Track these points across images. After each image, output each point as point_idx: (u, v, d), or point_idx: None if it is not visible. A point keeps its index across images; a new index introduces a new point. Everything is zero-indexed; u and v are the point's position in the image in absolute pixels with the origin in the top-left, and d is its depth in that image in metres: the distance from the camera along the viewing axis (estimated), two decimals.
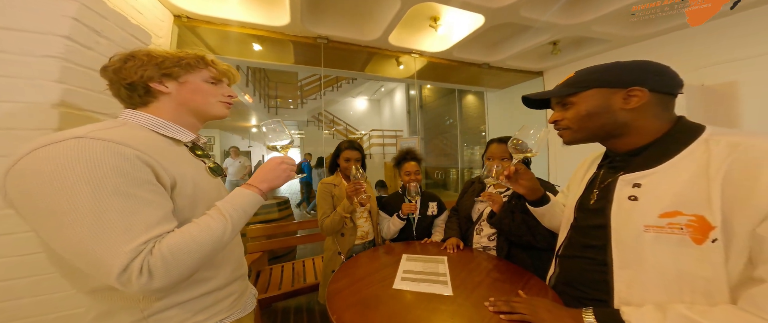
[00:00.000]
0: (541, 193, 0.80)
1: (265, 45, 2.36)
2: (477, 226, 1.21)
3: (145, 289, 0.39)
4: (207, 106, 0.59)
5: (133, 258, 0.38)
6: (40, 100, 0.63)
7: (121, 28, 0.84)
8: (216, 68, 0.60)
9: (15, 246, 0.65)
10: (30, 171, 0.37)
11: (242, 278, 0.66)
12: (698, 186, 0.43)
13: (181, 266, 0.41)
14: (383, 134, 7.29)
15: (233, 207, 0.50)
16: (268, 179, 0.58)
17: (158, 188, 0.45)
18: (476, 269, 0.96)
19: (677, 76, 0.53)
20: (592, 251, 0.58)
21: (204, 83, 0.58)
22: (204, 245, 0.44)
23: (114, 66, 0.52)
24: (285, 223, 2.23)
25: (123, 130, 0.45)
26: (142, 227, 0.40)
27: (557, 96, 0.60)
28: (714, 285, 0.42)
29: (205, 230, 0.45)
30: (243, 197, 0.53)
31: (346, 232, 1.28)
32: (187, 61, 0.55)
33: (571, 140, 0.61)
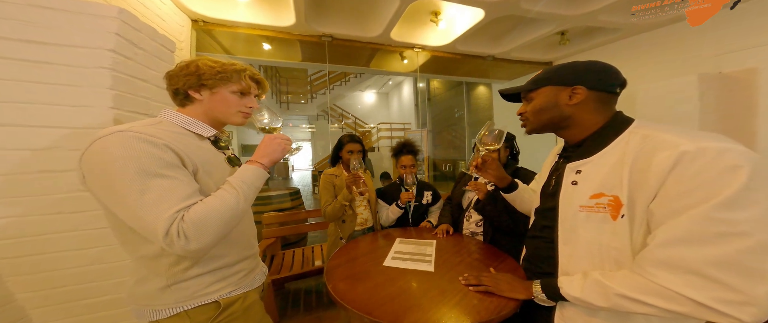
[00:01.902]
0: (508, 181, 0.90)
1: (274, 44, 2.50)
2: (466, 213, 1.30)
3: (185, 250, 0.48)
4: (226, 116, 0.67)
5: (171, 223, 0.47)
6: (98, 104, 0.79)
7: (152, 39, 0.98)
8: (246, 81, 0.66)
9: (89, 221, 0.83)
10: (91, 159, 0.49)
11: (252, 257, 0.74)
12: (617, 171, 0.51)
13: (208, 229, 0.50)
14: (391, 127, 7.35)
15: (241, 180, 0.58)
16: (268, 154, 0.65)
17: (184, 171, 0.55)
18: (460, 251, 1.06)
19: (617, 76, 0.59)
20: (546, 230, 0.66)
21: (231, 93, 0.65)
22: (223, 212, 0.53)
23: (171, 73, 0.64)
24: (296, 211, 2.41)
25: (157, 127, 0.56)
26: (176, 199, 0.49)
27: (522, 91, 0.68)
28: (622, 254, 0.50)
29: (220, 200, 0.54)
30: (248, 171, 0.61)
31: (347, 219, 1.41)
32: (222, 75, 0.63)
33: (530, 130, 0.69)
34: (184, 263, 0.58)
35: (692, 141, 0.42)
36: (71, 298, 0.86)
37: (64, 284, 0.84)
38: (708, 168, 0.40)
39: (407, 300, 0.73)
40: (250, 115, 0.72)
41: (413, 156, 1.47)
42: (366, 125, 8.33)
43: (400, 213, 1.41)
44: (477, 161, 0.85)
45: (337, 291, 0.79)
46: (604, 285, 0.49)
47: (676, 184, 0.42)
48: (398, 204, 1.40)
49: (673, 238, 0.41)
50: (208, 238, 0.51)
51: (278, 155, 0.67)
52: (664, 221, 0.43)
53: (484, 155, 0.83)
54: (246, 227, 0.73)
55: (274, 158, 0.67)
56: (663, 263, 0.42)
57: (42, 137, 0.75)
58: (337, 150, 1.50)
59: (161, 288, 0.58)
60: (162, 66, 1.00)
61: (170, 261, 0.58)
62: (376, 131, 7.60)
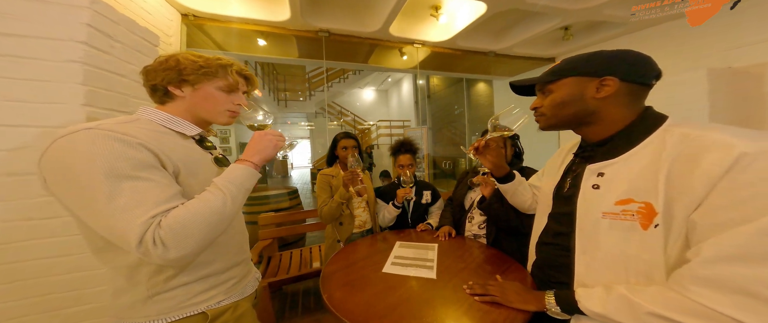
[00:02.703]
0: (506, 171, 0.84)
1: (269, 40, 2.42)
2: (469, 214, 1.25)
3: (164, 259, 0.43)
4: (212, 114, 0.62)
5: (145, 230, 0.42)
6: (68, 100, 0.72)
7: (132, 31, 0.92)
8: (232, 77, 0.62)
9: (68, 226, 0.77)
10: (52, 160, 0.44)
11: (243, 263, 0.69)
12: (650, 175, 0.45)
13: (190, 235, 0.45)
14: (391, 125, 7.29)
15: (228, 180, 0.53)
16: (258, 151, 0.59)
17: (163, 172, 0.50)
18: (463, 256, 1.01)
19: (653, 67, 0.53)
20: (561, 237, 0.61)
21: (216, 90, 0.60)
22: (207, 215, 0.47)
23: (148, 68, 0.59)
24: (294, 212, 2.36)
25: (132, 124, 0.51)
26: (151, 203, 0.44)
27: (539, 83, 0.62)
28: (653, 267, 0.44)
29: (204, 203, 0.49)
30: (236, 171, 0.55)
31: (345, 221, 1.36)
32: (205, 70, 0.58)
33: (545, 126, 0.63)
34: (167, 272, 0.54)
35: (752, 142, 0.37)
36: (55, 307, 0.80)
37: (46, 292, 0.79)
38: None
39: (408, 310, 0.68)
40: (238, 114, 0.66)
41: (412, 155, 1.41)
42: (365, 123, 8.26)
43: (397, 213, 1.35)
44: (479, 143, 0.78)
45: (334, 300, 0.74)
46: (632, 302, 0.44)
47: (728, 191, 0.36)
48: (395, 203, 1.34)
49: (723, 254, 0.36)
50: (190, 245, 0.46)
51: (270, 152, 0.61)
52: (711, 234, 0.38)
53: (490, 139, 0.77)
54: (236, 232, 0.68)
55: (266, 156, 0.61)
56: (709, 281, 0.37)
57: (9, 137, 0.69)
58: (333, 149, 1.45)
59: (142, 299, 0.53)
60: (143, 60, 0.93)
61: (150, 271, 0.53)
62: (375, 128, 7.53)
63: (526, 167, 1.22)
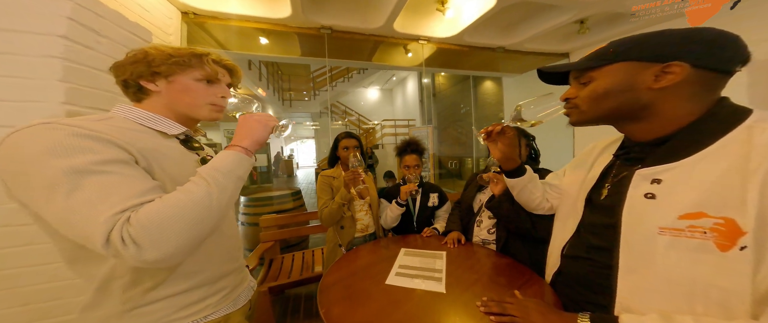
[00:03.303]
0: (516, 164, 0.74)
1: (271, 38, 2.37)
2: (477, 218, 1.16)
3: (141, 260, 0.38)
4: (192, 109, 0.57)
5: (110, 227, 0.37)
6: (47, 99, 0.67)
7: (120, 26, 0.87)
8: (210, 66, 0.56)
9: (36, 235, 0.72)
10: (6, 157, 0.39)
11: (235, 272, 0.64)
12: (731, 184, 0.36)
13: (169, 232, 0.39)
14: (395, 124, 7.21)
15: (213, 168, 0.47)
16: (247, 134, 0.54)
17: (138, 168, 0.45)
18: (475, 266, 0.92)
19: (740, 49, 0.42)
20: (598, 252, 0.52)
21: (195, 82, 0.56)
22: (188, 208, 0.42)
23: (117, 63, 0.54)
24: (296, 213, 2.32)
25: (104, 122, 0.46)
26: (119, 197, 0.39)
27: (577, 69, 0.51)
28: (734, 297, 0.36)
29: (184, 194, 0.43)
30: (222, 157, 0.50)
31: (346, 224, 1.29)
32: (175, 59, 0.53)
33: (578, 121, 0.53)
34: (145, 283, 0.49)
35: None
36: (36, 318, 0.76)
37: (26, 302, 0.74)
38: None
39: None
40: (223, 107, 0.60)
41: (418, 155, 1.33)
42: (370, 122, 8.21)
43: (400, 211, 1.27)
44: (494, 127, 0.68)
45: (332, 317, 0.67)
46: None
47: None
48: (398, 201, 1.26)
49: None
50: (171, 244, 0.40)
51: (261, 132, 0.55)
52: None
53: (507, 125, 0.67)
54: (226, 237, 0.62)
55: (258, 138, 0.55)
56: None
57: None
58: (334, 149, 1.38)
59: (116, 314, 0.48)
60: None
61: (125, 282, 0.47)
62: (380, 128, 7.47)
63: (543, 168, 1.12)
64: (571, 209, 0.62)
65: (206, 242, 0.55)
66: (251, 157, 0.53)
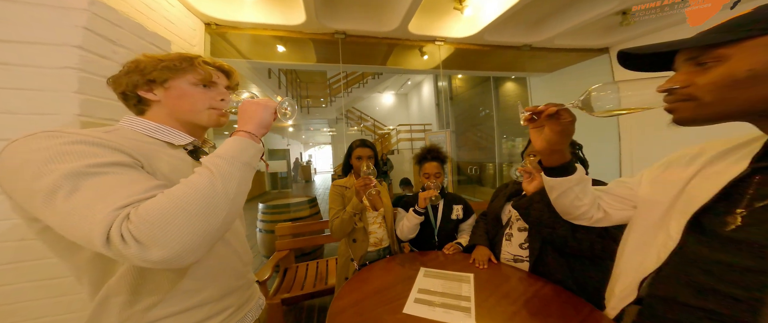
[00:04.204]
0: (565, 159, 0.58)
1: (288, 46, 2.41)
2: (507, 231, 1.02)
3: (147, 260, 0.36)
4: (193, 114, 0.55)
5: (109, 224, 0.35)
6: (61, 111, 0.67)
7: (138, 36, 0.87)
8: (202, 68, 0.55)
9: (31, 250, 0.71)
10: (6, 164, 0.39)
11: (242, 288, 0.61)
12: None
13: (170, 227, 0.36)
14: (411, 129, 7.11)
15: (216, 156, 0.45)
16: (250, 118, 0.51)
17: (141, 170, 0.43)
18: (511, 293, 0.79)
19: None
20: (721, 301, 0.37)
21: (191, 86, 0.55)
22: (188, 200, 0.39)
23: (113, 76, 0.54)
24: (311, 222, 2.28)
25: (110, 133, 0.45)
26: (119, 195, 0.37)
27: (695, 46, 0.38)
28: None
29: (187, 185, 0.40)
30: (226, 145, 0.47)
31: (358, 238, 1.20)
32: (166, 64, 0.53)
33: (690, 118, 0.40)
34: (144, 300, 0.46)
35: None
36: None
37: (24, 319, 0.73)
38: None
39: None
40: (225, 111, 0.57)
41: (439, 163, 1.22)
42: (385, 127, 8.18)
43: (418, 221, 1.16)
44: (546, 107, 0.51)
45: None
46: None
47: None
48: (416, 209, 1.15)
49: None
50: (176, 240, 0.37)
51: (262, 114, 0.52)
52: None
53: (564, 108, 0.51)
54: (232, 251, 0.57)
55: (261, 120, 0.51)
56: None
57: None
58: (348, 158, 1.31)
59: None
60: None
61: (122, 301, 0.45)
62: (395, 133, 7.40)
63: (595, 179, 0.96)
64: (655, 230, 0.48)
65: (210, 256, 0.52)
66: (257, 142, 0.49)
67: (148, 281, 0.47)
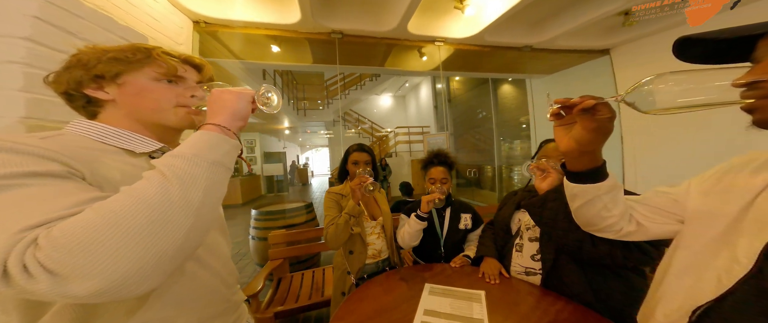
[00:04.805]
0: (595, 163, 0.49)
1: (283, 46, 2.32)
2: (517, 241, 0.93)
3: (66, 294, 0.26)
4: (158, 114, 0.47)
5: (5, 253, 0.26)
6: (4, 112, 0.57)
7: (106, 29, 0.77)
8: (164, 60, 0.46)
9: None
10: None
11: (227, 312, 0.53)
12: None
13: (102, 249, 0.27)
14: (409, 131, 7.06)
15: (172, 156, 0.35)
16: (221, 109, 0.41)
17: (79, 182, 0.34)
18: (531, 314, 0.70)
19: None
20: None
21: (152, 82, 0.46)
22: (129, 213, 0.29)
23: (50, 75, 0.45)
24: (306, 229, 2.16)
25: (51, 139, 0.36)
26: (30, 214, 0.28)
27: None
28: None
29: (127, 195, 0.31)
30: (188, 141, 0.37)
31: (356, 249, 1.11)
32: (114, 56, 0.44)
33: None
34: None
35: None
36: None
37: None
38: None
39: None
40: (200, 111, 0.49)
41: (446, 168, 1.14)
42: (383, 130, 8.11)
43: (421, 227, 1.06)
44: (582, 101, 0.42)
45: None
46: None
47: None
48: (419, 214, 1.05)
49: None
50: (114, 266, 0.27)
51: (237, 104, 0.42)
52: None
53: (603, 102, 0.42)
54: (212, 273, 0.48)
55: (235, 110, 0.42)
56: None
57: None
58: (344, 163, 1.22)
59: None
60: None
61: None
62: (393, 135, 7.34)
63: None
64: (715, 248, 0.40)
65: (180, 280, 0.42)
66: (232, 136, 0.40)
67: (96, 315, 0.37)
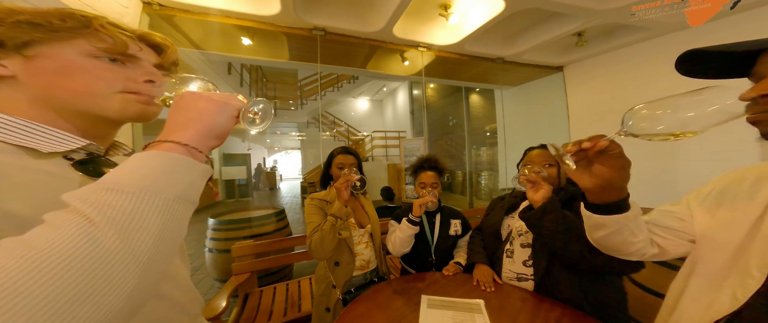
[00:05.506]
0: (622, 195, 0.49)
1: (256, 38, 2.13)
2: (507, 247, 0.94)
3: None
4: (88, 100, 0.34)
5: None
6: None
7: None
8: (109, 33, 0.34)
9: None
10: None
11: None
12: None
13: None
14: (386, 136, 7.07)
15: (106, 188, 0.23)
16: (191, 121, 0.30)
17: None
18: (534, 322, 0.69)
19: None
20: None
21: (84, 57, 0.33)
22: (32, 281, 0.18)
23: None
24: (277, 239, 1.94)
25: None
26: None
27: None
28: None
29: (23, 245, 0.19)
30: (133, 164, 0.25)
31: (342, 260, 1.02)
32: (28, 19, 0.31)
33: None
34: None
35: None
36: None
37: None
38: None
39: None
40: (151, 96, 0.37)
41: (436, 173, 1.12)
42: (359, 133, 8.01)
43: (413, 232, 1.03)
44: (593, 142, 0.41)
45: None
46: None
47: None
48: (410, 218, 1.02)
49: None
50: None
51: (217, 117, 0.32)
52: None
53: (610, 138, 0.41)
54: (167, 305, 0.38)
55: (212, 125, 0.31)
56: None
57: None
58: (327, 167, 1.13)
59: None
60: None
61: None
62: (370, 139, 7.28)
63: None
64: (726, 271, 0.42)
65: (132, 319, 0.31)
66: (201, 159, 0.30)
67: None
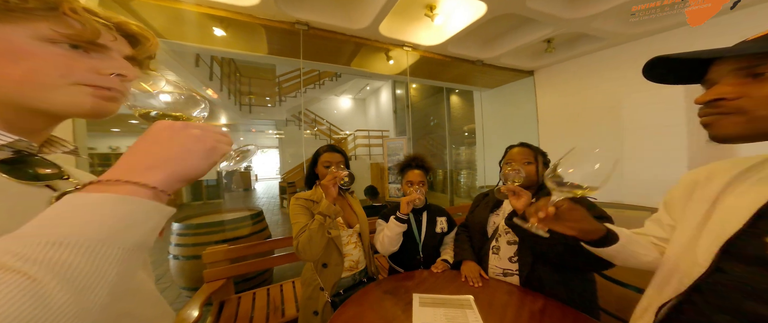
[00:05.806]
0: (601, 233, 0.55)
1: (230, 30, 1.98)
2: (493, 244, 0.98)
3: None
4: (28, 89, 0.28)
5: None
6: None
7: None
8: (80, 18, 0.30)
9: None
10: None
11: None
12: None
13: None
14: (369, 135, 7.03)
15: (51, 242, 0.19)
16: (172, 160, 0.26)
17: None
18: (521, 314, 0.72)
19: None
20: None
21: (36, 42, 0.28)
22: None
23: None
24: (256, 242, 1.80)
25: None
26: None
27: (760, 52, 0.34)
28: None
29: None
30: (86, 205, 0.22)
31: (331, 262, 0.99)
32: None
33: (740, 133, 0.37)
34: None
35: None
36: None
37: None
38: None
39: None
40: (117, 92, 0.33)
41: (423, 172, 1.13)
42: (342, 132, 7.87)
43: (401, 230, 1.03)
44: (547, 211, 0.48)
45: None
46: None
47: None
48: (398, 216, 1.02)
49: None
50: None
51: (201, 162, 0.28)
52: None
53: (558, 202, 0.48)
54: None
55: (191, 169, 0.28)
56: None
57: None
58: (313, 166, 1.09)
59: None
60: None
61: None
62: (353, 138, 7.19)
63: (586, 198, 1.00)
64: (678, 261, 0.46)
65: None
66: (166, 200, 0.26)
67: None
